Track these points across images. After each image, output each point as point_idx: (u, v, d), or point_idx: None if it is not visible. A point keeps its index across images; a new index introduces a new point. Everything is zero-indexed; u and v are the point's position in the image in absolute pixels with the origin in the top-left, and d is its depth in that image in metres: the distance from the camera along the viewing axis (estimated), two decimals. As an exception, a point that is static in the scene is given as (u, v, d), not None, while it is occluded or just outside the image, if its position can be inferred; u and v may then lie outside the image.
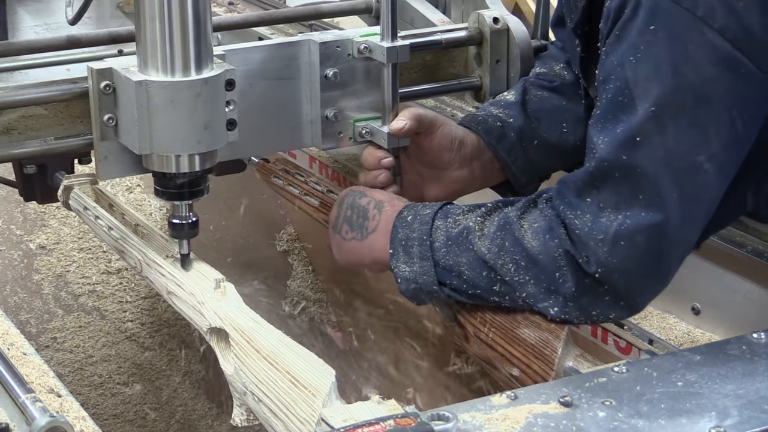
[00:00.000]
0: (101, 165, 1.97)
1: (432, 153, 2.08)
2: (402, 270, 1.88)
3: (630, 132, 1.69)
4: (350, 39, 2.09)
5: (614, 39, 1.73)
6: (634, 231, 1.69)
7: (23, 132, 2.00)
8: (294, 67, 2.10)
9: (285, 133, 2.14)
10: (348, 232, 1.98)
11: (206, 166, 1.93)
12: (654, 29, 1.68)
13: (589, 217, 1.72)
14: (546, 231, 1.76)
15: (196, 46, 1.86)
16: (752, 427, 1.45)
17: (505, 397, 1.51)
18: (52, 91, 2.00)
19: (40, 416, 1.48)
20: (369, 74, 2.12)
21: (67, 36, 2.45)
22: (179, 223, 1.98)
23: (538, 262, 1.76)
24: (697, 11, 1.66)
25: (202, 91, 1.85)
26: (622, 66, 1.70)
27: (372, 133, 2.10)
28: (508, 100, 2.16)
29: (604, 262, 1.71)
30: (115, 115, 1.92)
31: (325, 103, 2.11)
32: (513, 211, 1.82)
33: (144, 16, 1.85)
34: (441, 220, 1.87)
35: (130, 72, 1.88)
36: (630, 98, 1.69)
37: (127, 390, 3.03)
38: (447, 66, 2.36)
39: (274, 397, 1.69)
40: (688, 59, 1.67)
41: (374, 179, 2.05)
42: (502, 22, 2.33)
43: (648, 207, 1.69)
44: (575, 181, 1.76)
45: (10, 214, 3.18)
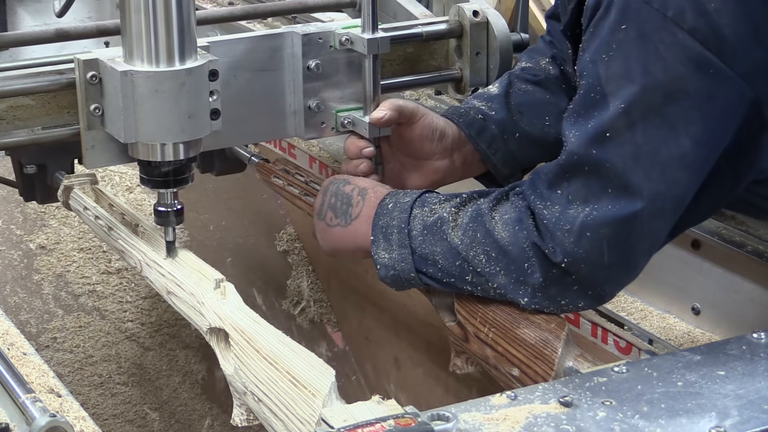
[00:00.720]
0: (88, 154, 2.00)
1: (413, 143, 2.11)
2: (381, 257, 1.91)
3: (600, 127, 1.72)
4: (332, 31, 2.14)
5: (589, 36, 1.76)
6: (601, 223, 1.73)
7: (11, 122, 2.03)
8: (277, 58, 2.14)
9: (268, 124, 2.18)
10: (332, 219, 2.02)
11: (190, 154, 1.96)
12: (625, 28, 1.71)
13: (558, 208, 1.76)
14: (516, 222, 1.80)
15: (179, 37, 1.89)
16: (752, 427, 1.45)
17: (505, 397, 1.51)
18: (39, 81, 2.03)
19: (40, 416, 1.48)
20: (351, 66, 2.16)
21: (55, 29, 2.48)
22: (165, 210, 2.01)
23: (508, 253, 1.80)
24: (668, 12, 1.69)
25: (186, 81, 1.89)
26: (595, 63, 1.74)
27: (354, 123, 2.14)
28: (491, 93, 2.19)
29: (570, 252, 1.74)
30: (101, 104, 1.96)
31: (308, 94, 2.15)
32: (485, 203, 1.85)
33: (129, 7, 1.89)
34: (419, 209, 1.90)
35: (116, 62, 1.91)
36: (602, 95, 1.73)
37: (127, 390, 3.03)
38: (428, 58, 2.40)
39: (274, 397, 1.69)
40: (659, 58, 1.70)
41: (355, 168, 2.09)
42: (481, 15, 2.37)
43: (615, 200, 1.72)
44: (547, 173, 1.80)
45: (10, 214, 3.18)
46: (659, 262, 2.03)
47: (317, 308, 3.19)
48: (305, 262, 3.21)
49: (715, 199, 1.84)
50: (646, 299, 2.25)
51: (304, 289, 3.20)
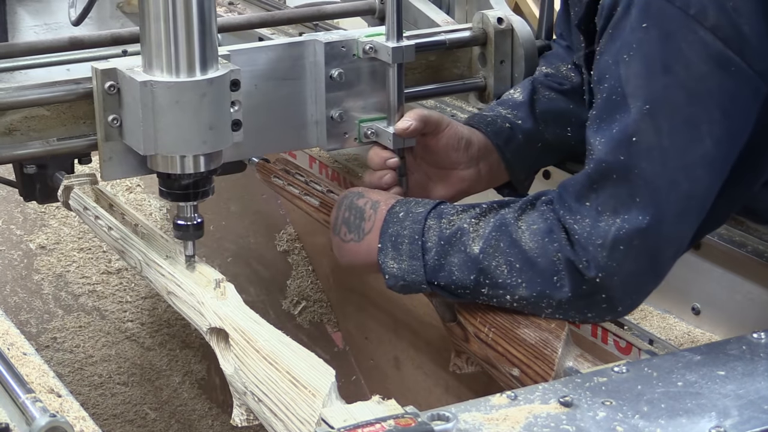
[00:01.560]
0: (106, 166, 1.96)
1: (439, 153, 2.08)
2: (390, 266, 1.88)
3: (626, 132, 1.69)
4: (355, 39, 2.09)
5: (607, 38, 1.74)
6: (633, 235, 1.70)
7: (26, 133, 1.99)
8: (299, 67, 2.10)
9: (290, 134, 2.13)
10: (346, 233, 1.98)
11: (211, 167, 1.92)
12: (646, 27, 1.69)
13: (588, 221, 1.73)
14: (545, 233, 1.77)
15: (201, 46, 1.85)
16: (752, 427, 1.45)
17: (505, 397, 1.51)
18: (55, 91, 1.99)
19: (40, 416, 1.48)
20: (374, 75, 2.11)
21: (69, 37, 2.45)
22: (184, 224, 1.97)
23: (535, 265, 1.77)
24: (690, 10, 1.67)
25: (207, 92, 1.85)
26: (617, 64, 1.71)
27: (377, 133, 2.10)
28: (516, 100, 2.16)
29: (603, 267, 1.72)
30: (119, 115, 1.91)
31: (330, 104, 2.10)
32: (510, 212, 1.82)
33: (148, 16, 1.84)
34: (434, 220, 1.87)
35: (135, 72, 1.87)
36: (622, 96, 1.70)
37: (127, 390, 3.03)
38: (451, 66, 2.35)
39: (274, 397, 1.69)
40: (681, 57, 1.68)
41: (379, 180, 2.05)
42: (506, 23, 2.32)
43: (644, 209, 1.69)
44: (574, 185, 1.77)
45: (10, 214, 3.18)
46: (659, 262, 2.03)
47: (317, 308, 3.19)
48: (305, 262, 3.21)
49: (733, 200, 1.82)
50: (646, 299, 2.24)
51: (304, 289, 3.20)
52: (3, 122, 1.97)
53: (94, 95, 1.92)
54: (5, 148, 1.98)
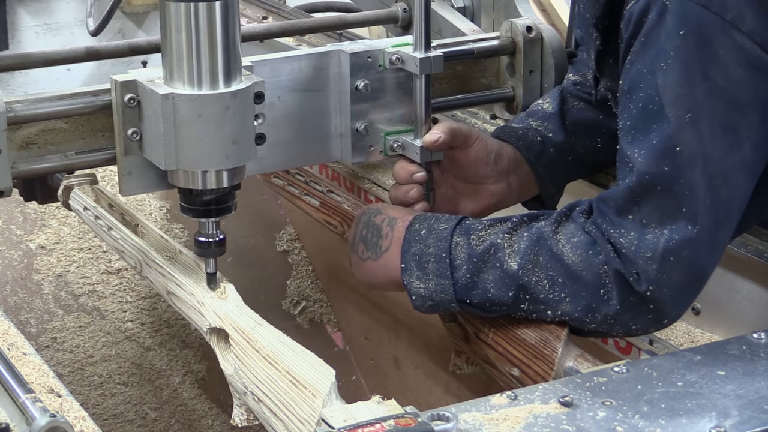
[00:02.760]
0: (125, 180, 1.90)
1: (468, 167, 2.02)
2: (416, 287, 1.83)
3: (669, 141, 1.66)
4: (381, 49, 2.03)
5: (640, 46, 1.70)
6: (682, 245, 1.67)
7: (43, 146, 1.93)
8: (323, 78, 2.04)
9: (313, 147, 2.07)
10: (364, 251, 1.94)
11: (234, 182, 1.86)
12: (684, 34, 1.66)
13: (634, 234, 1.69)
14: (588, 246, 1.73)
15: (224, 58, 1.79)
16: (752, 427, 1.45)
17: (505, 397, 1.51)
18: (73, 104, 1.93)
19: (40, 416, 1.48)
20: (400, 86, 2.06)
21: (86, 48, 2.41)
22: (206, 241, 1.91)
23: (580, 279, 1.73)
24: (727, 15, 1.65)
25: (230, 105, 1.79)
26: (653, 73, 1.67)
27: (404, 146, 2.04)
28: (546, 111, 2.12)
29: (654, 280, 1.68)
30: (139, 129, 1.86)
31: (355, 116, 2.05)
32: (547, 226, 1.77)
33: (170, 26, 1.79)
34: (461, 237, 1.82)
35: (156, 84, 1.81)
36: (660, 106, 1.67)
37: (127, 390, 3.03)
38: (478, 76, 2.30)
39: (274, 397, 1.69)
40: (719, 63, 1.65)
41: (405, 194, 1.99)
42: (535, 31, 2.27)
43: (691, 219, 1.67)
44: (615, 198, 1.73)
45: (10, 214, 3.18)
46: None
47: (317, 308, 3.19)
48: (305, 262, 3.21)
49: (758, 206, 1.79)
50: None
51: (304, 289, 3.20)
52: (20, 135, 1.91)
53: (114, 108, 1.87)
54: (23, 163, 1.92)
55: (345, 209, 2.22)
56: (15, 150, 1.91)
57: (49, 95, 1.94)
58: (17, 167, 1.91)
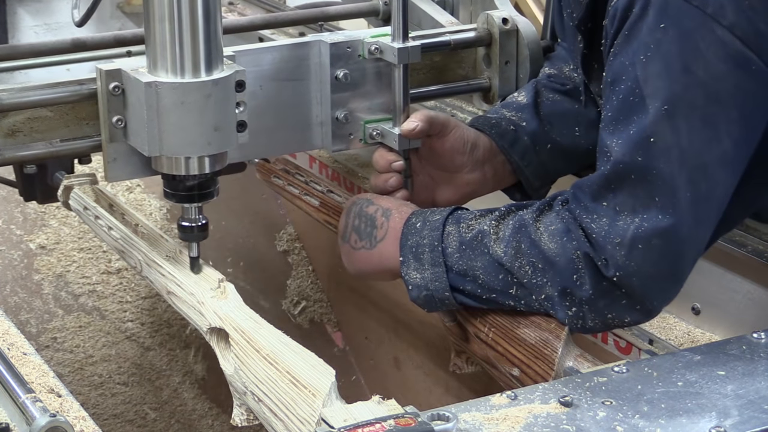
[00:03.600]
0: (110, 167, 1.95)
1: (444, 156, 2.06)
2: (413, 277, 1.86)
3: (644, 132, 1.68)
4: (361, 40, 2.08)
5: (623, 39, 1.72)
6: (652, 234, 1.69)
7: (29, 134, 1.97)
8: (304, 68, 2.08)
9: (294, 135, 2.12)
10: (357, 241, 1.96)
11: (216, 168, 1.91)
12: (664, 27, 1.67)
13: (606, 221, 1.72)
14: (563, 233, 1.75)
15: (206, 47, 1.84)
16: (752, 427, 1.45)
17: (505, 397, 1.51)
18: (58, 92, 1.97)
19: (40, 416, 1.48)
20: (380, 75, 2.10)
21: (72, 39, 2.44)
22: (189, 225, 1.96)
23: (555, 264, 1.76)
24: (707, 9, 1.66)
25: (212, 93, 1.83)
26: (633, 65, 1.69)
27: (383, 134, 2.08)
28: (520, 102, 2.15)
29: (621, 266, 1.70)
30: (124, 116, 1.90)
31: (336, 105, 2.09)
32: (528, 213, 1.81)
33: (153, 16, 1.83)
34: (452, 226, 1.85)
35: (140, 73, 1.86)
36: (641, 97, 1.68)
37: (127, 390, 3.03)
38: (455, 67, 2.34)
39: (274, 397, 1.69)
40: (699, 56, 1.66)
41: (384, 182, 2.04)
42: (511, 23, 2.31)
43: (664, 209, 1.68)
44: (590, 185, 1.75)
45: (10, 214, 3.18)
46: (659, 262, 2.03)
47: (317, 308, 3.19)
48: (305, 262, 3.21)
49: (744, 203, 1.81)
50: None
51: (304, 289, 3.20)
52: (6, 123, 1.95)
53: (99, 96, 1.91)
54: (8, 150, 1.96)
55: (345, 209, 2.22)
56: (1, 137, 1.95)
57: (35, 84, 1.99)
58: (3, 154, 1.96)
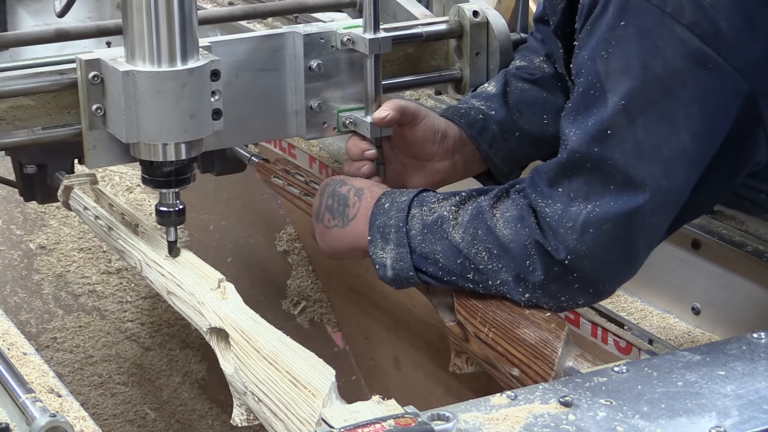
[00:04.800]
0: (90, 154, 2.01)
1: (415, 144, 2.11)
2: (380, 256, 1.92)
3: (601, 125, 1.73)
4: (333, 31, 2.14)
5: (586, 34, 1.77)
6: (603, 219, 1.73)
7: (11, 122, 2.03)
8: (279, 58, 2.14)
9: (270, 124, 2.18)
10: (330, 220, 2.02)
11: (192, 154, 1.96)
12: (624, 24, 1.71)
13: (560, 206, 1.77)
14: (517, 220, 1.80)
15: (182, 37, 1.89)
16: (752, 427, 1.45)
17: (505, 397, 1.51)
18: (40, 81, 2.02)
19: (40, 416, 1.48)
20: (352, 65, 2.16)
21: (55, 29, 2.48)
22: (166, 210, 2.02)
23: (509, 251, 1.80)
24: (666, 8, 1.69)
25: (188, 81, 1.89)
26: (594, 60, 1.74)
27: (355, 123, 2.14)
28: (489, 92, 2.19)
29: (573, 249, 1.75)
30: (103, 104, 1.96)
31: (310, 94, 2.15)
32: (486, 200, 1.85)
33: (131, 8, 1.89)
34: (417, 208, 1.91)
35: (118, 63, 1.91)
36: (602, 92, 1.73)
37: (127, 390, 3.03)
38: (428, 58, 2.40)
39: (274, 397, 1.69)
40: (658, 54, 1.70)
41: (357, 170, 2.09)
42: (481, 16, 2.37)
43: (617, 196, 1.73)
44: (547, 171, 1.80)
45: (10, 214, 3.18)
46: (659, 262, 2.03)
47: (317, 308, 3.19)
48: (305, 262, 3.21)
49: (712, 194, 1.85)
50: (646, 299, 2.25)
51: (304, 289, 3.20)
52: None
53: (79, 85, 1.97)
54: None
55: (345, 209, 2.22)
56: None
57: (17, 74, 2.04)
58: None
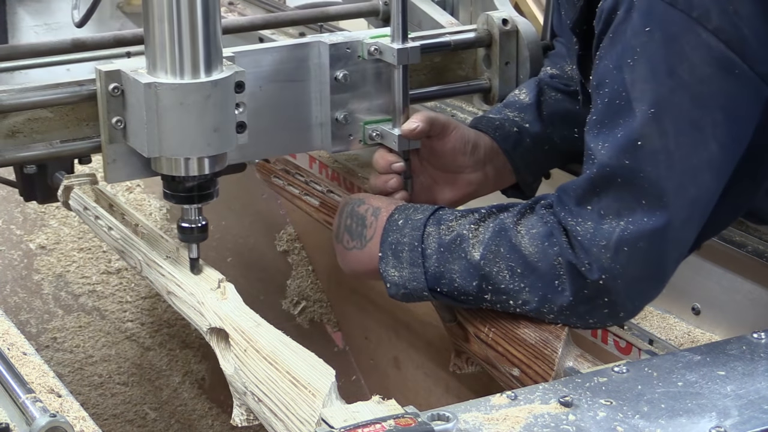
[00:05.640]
0: (109, 168, 1.94)
1: (445, 156, 2.05)
2: (391, 275, 1.87)
3: (631, 136, 1.68)
4: (360, 41, 2.07)
5: (608, 42, 1.72)
6: (637, 236, 1.69)
7: (29, 135, 1.97)
8: (304, 69, 2.08)
9: (294, 136, 2.11)
10: (349, 241, 1.96)
11: (216, 169, 1.90)
12: (649, 31, 1.68)
13: (591, 224, 1.72)
14: (545, 237, 1.75)
15: (205, 48, 1.83)
16: (752, 427, 1.45)
17: (505, 397, 1.51)
18: (58, 93, 1.97)
19: (40, 416, 1.48)
20: (379, 76, 2.09)
21: (72, 39, 2.44)
22: (188, 227, 1.96)
23: (536, 269, 1.75)
24: (692, 13, 1.66)
25: (211, 94, 1.83)
26: (619, 69, 1.69)
27: (382, 135, 2.07)
28: (523, 102, 2.15)
29: (607, 269, 1.70)
30: (123, 117, 1.90)
31: (335, 106, 2.08)
32: (509, 217, 1.80)
33: (153, 17, 1.83)
34: (433, 227, 1.85)
35: (139, 74, 1.86)
36: (627, 101, 1.69)
37: (127, 390, 3.03)
38: (455, 68, 2.34)
39: (274, 397, 1.69)
40: (684, 60, 1.67)
41: (384, 183, 2.03)
42: (511, 24, 2.31)
43: (650, 212, 1.68)
44: (575, 189, 1.75)
45: (10, 214, 3.18)
46: (659, 262, 2.03)
47: (317, 308, 3.19)
48: (305, 262, 3.21)
49: (734, 207, 1.81)
50: (646, 300, 2.24)
51: (304, 289, 3.20)
52: (6, 125, 1.95)
53: (98, 97, 1.91)
54: (8, 151, 1.96)
55: (345, 209, 2.22)
56: (1, 138, 1.95)
57: (35, 85, 1.99)
58: (3, 155, 1.96)
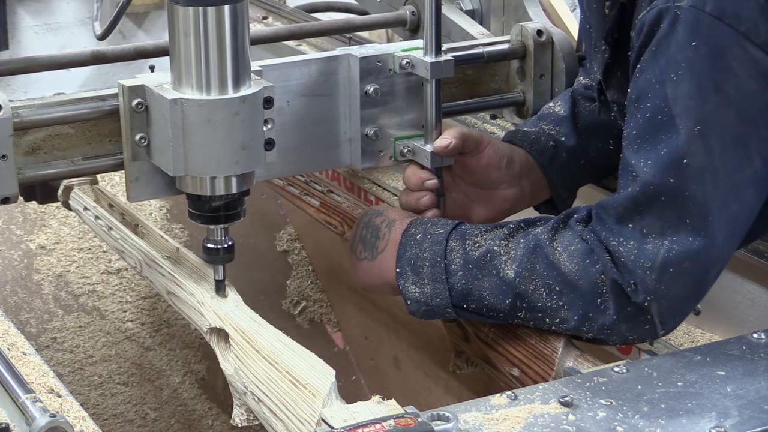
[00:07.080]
0: (132, 186, 1.88)
1: (480, 172, 2.00)
2: (411, 291, 1.82)
3: (676, 153, 1.64)
4: (391, 54, 2.01)
5: (650, 55, 1.68)
6: (682, 257, 1.65)
7: (49, 152, 1.90)
8: (333, 82, 2.02)
9: (322, 153, 2.05)
10: (361, 252, 1.93)
11: (243, 188, 1.83)
12: (696, 45, 1.64)
13: (633, 243, 1.67)
14: (585, 255, 1.71)
15: (233, 63, 1.76)
16: (752, 427, 1.45)
17: (505, 397, 1.51)
18: (79, 109, 1.89)
19: (40, 416, 1.48)
20: (411, 90, 2.04)
21: (92, 51, 2.38)
22: (214, 248, 1.89)
23: (577, 287, 1.71)
24: (740, 27, 1.63)
25: (240, 110, 1.76)
26: (662, 83, 1.66)
27: (414, 151, 2.02)
28: (558, 114, 2.10)
29: (652, 290, 1.67)
30: (147, 134, 1.83)
31: (365, 121, 2.03)
32: (543, 233, 1.75)
33: (178, 31, 1.76)
34: (457, 242, 1.80)
35: (164, 89, 1.79)
36: (669, 117, 1.65)
37: (127, 390, 3.03)
38: (488, 80, 2.28)
39: (274, 397, 1.69)
40: (731, 75, 1.64)
41: (417, 201, 1.97)
42: (546, 35, 2.24)
43: (694, 231, 1.65)
44: (615, 206, 1.70)
45: (10, 214, 3.18)
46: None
47: (317, 308, 3.19)
48: (305, 262, 3.21)
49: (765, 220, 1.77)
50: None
51: (304, 289, 3.19)
52: (26, 141, 1.88)
53: (121, 113, 1.85)
54: (28, 169, 1.89)
55: (345, 209, 2.22)
56: (21, 155, 1.88)
57: (55, 100, 1.91)
58: (23, 173, 1.88)
